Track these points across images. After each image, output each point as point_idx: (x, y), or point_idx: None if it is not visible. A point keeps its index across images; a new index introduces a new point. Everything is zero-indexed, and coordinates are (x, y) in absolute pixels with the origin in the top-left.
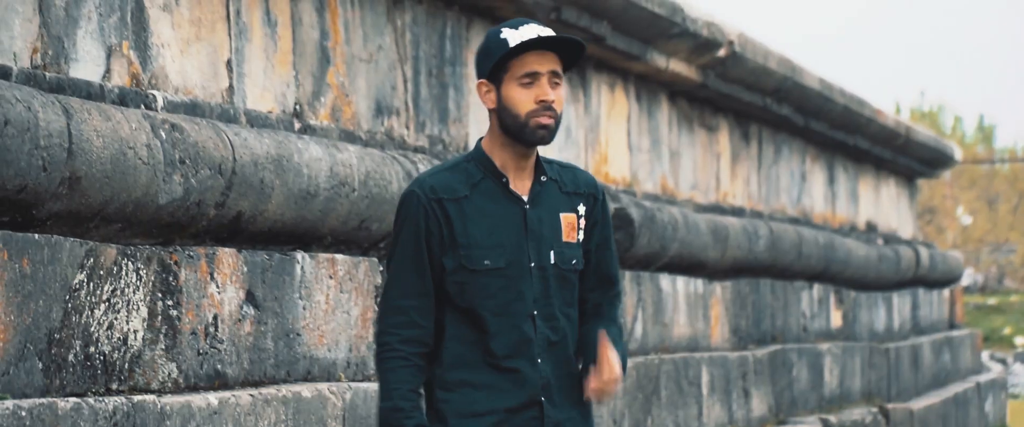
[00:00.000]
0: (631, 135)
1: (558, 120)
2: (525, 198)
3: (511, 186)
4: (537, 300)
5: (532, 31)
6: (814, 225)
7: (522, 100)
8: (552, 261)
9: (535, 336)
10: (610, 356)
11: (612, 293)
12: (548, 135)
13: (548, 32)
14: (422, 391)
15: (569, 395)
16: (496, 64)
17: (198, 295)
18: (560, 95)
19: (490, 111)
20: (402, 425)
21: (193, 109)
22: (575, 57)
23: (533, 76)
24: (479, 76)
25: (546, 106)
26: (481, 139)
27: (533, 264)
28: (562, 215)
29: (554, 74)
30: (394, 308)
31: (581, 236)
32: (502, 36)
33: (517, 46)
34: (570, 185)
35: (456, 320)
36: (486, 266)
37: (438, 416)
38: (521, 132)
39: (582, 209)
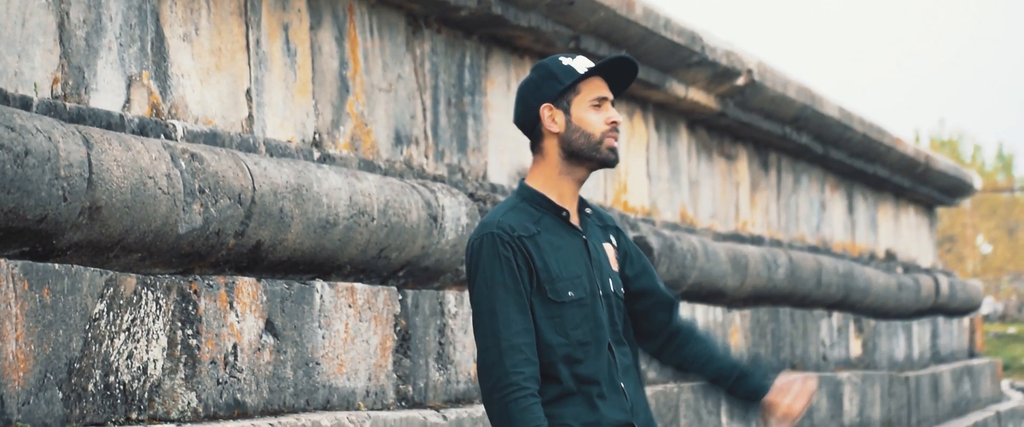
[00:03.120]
0: (650, 164)
1: None
2: (581, 229)
3: (569, 219)
4: (610, 327)
5: (589, 61)
6: (834, 254)
7: (595, 121)
8: (611, 289)
9: (616, 362)
10: (797, 384)
11: (675, 311)
12: (617, 156)
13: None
14: None
15: (648, 415)
16: (567, 87)
17: (218, 324)
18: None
19: (546, 140)
20: None
21: (213, 139)
22: (622, 89)
23: (602, 100)
24: (540, 101)
25: (615, 127)
26: (522, 180)
27: (601, 293)
28: (605, 245)
29: (613, 103)
30: (511, 347)
31: (617, 266)
32: (565, 63)
33: (592, 69)
34: (598, 220)
35: (545, 354)
36: (570, 297)
37: None
38: (595, 152)
39: (614, 240)
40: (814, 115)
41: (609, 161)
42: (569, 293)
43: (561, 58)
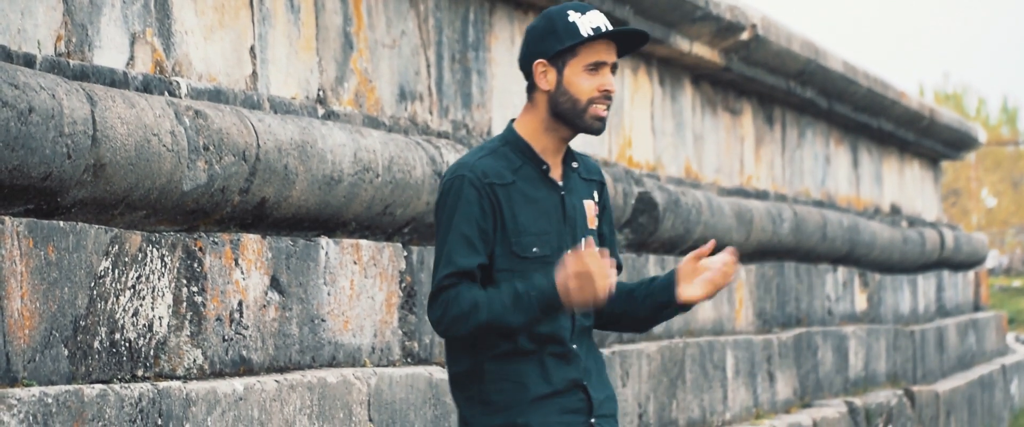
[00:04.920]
0: (655, 119)
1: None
2: (561, 184)
3: (550, 173)
4: None
5: (600, 19)
6: (838, 208)
7: (586, 87)
8: (582, 247)
9: (573, 323)
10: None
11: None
12: (602, 126)
13: (606, 23)
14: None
15: (601, 376)
16: (565, 48)
17: (223, 281)
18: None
19: (538, 93)
20: (532, 300)
21: (217, 95)
22: (631, 50)
23: (599, 65)
24: (537, 55)
25: (607, 95)
26: (512, 121)
27: (570, 251)
28: (585, 202)
29: (614, 65)
30: (443, 287)
31: (595, 223)
32: (570, 19)
33: (592, 36)
34: (585, 172)
35: None
36: (534, 254)
37: (491, 407)
38: (578, 119)
39: (595, 196)
40: (818, 69)
41: (592, 130)
42: (533, 249)
43: (569, 12)
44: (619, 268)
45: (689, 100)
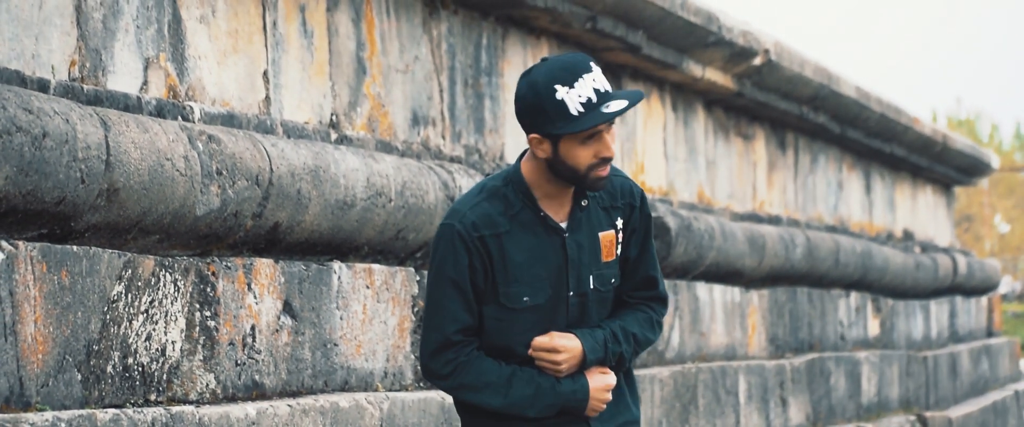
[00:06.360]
0: (667, 144)
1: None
2: (564, 225)
3: (551, 216)
4: (572, 327)
5: (589, 87)
6: (851, 233)
7: (584, 157)
8: (591, 286)
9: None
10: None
11: (652, 294)
12: (605, 184)
13: (604, 83)
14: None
15: (618, 404)
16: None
17: (236, 306)
18: (613, 137)
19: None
20: (547, 399)
21: (230, 120)
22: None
23: (595, 134)
24: (529, 129)
25: (607, 161)
26: (522, 156)
27: (571, 293)
28: (601, 234)
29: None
30: (448, 343)
31: (619, 250)
32: (558, 97)
33: (582, 127)
34: (608, 199)
35: (490, 352)
36: (525, 303)
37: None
38: (579, 183)
39: (620, 222)
40: (831, 95)
41: (594, 189)
42: (524, 299)
43: (556, 88)
44: (654, 283)
45: (702, 125)
